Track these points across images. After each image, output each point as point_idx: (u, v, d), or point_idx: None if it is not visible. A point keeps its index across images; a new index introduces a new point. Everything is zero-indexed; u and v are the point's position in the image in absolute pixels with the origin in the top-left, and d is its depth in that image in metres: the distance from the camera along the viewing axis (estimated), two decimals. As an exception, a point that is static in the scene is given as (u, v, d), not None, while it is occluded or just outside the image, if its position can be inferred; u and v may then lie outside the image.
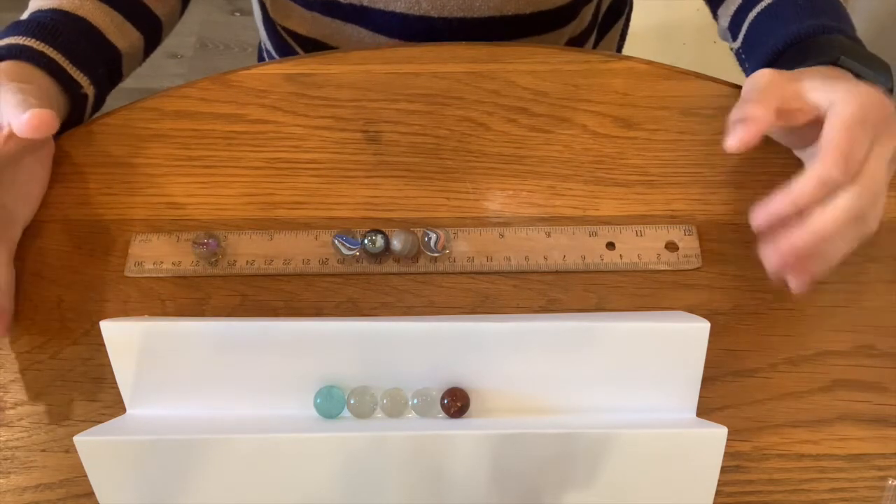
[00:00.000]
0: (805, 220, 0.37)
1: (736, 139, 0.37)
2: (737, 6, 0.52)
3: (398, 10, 0.56)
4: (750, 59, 0.51)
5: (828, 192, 0.36)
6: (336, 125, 0.50)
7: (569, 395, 0.38)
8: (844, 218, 0.36)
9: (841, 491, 0.38)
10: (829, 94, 0.39)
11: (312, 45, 0.62)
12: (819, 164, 0.36)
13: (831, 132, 0.37)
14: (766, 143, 0.48)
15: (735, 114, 0.38)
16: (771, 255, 0.38)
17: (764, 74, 0.40)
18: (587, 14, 0.63)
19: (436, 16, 0.56)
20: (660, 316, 0.40)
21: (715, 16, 0.56)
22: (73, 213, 0.47)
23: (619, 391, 0.38)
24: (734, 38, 0.53)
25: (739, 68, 0.53)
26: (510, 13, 0.56)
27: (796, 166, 0.47)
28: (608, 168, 0.48)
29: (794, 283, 0.39)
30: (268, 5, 0.63)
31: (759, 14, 0.50)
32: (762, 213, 0.37)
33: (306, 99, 0.51)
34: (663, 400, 0.38)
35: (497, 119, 0.49)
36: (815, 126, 0.39)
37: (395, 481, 0.36)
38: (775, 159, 0.47)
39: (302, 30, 0.61)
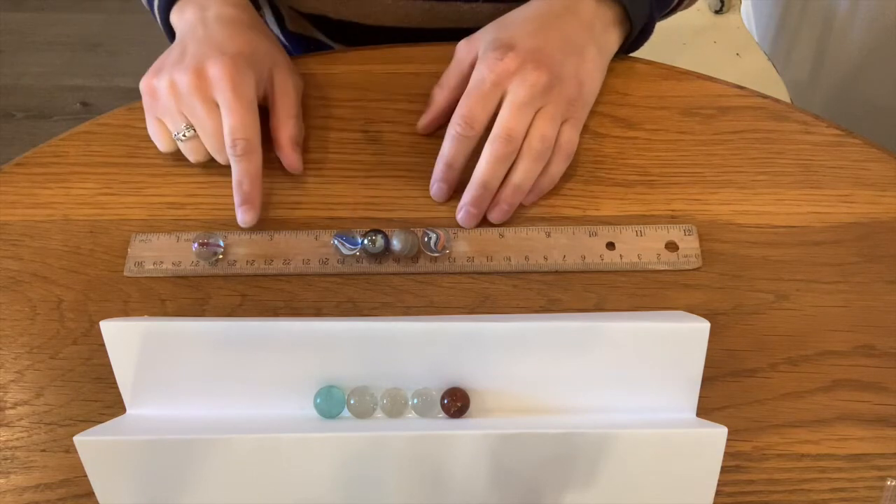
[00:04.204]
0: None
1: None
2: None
3: (387, 24, 0.57)
4: None
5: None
6: (336, 125, 0.50)
7: (569, 395, 0.38)
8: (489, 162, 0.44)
9: (841, 491, 0.38)
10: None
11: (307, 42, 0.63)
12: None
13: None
14: (766, 142, 0.48)
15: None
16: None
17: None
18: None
19: (427, 28, 0.57)
20: (660, 316, 0.40)
21: None
22: (73, 213, 0.47)
23: (619, 391, 0.38)
24: None
25: (739, 69, 0.53)
26: None
27: (797, 166, 0.47)
28: (608, 168, 0.48)
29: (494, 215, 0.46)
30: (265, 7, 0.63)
31: None
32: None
33: (306, 99, 0.50)
34: (663, 400, 0.38)
35: (497, 119, 0.49)
36: None
37: (395, 481, 0.36)
38: (777, 159, 0.47)
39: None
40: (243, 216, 0.45)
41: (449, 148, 0.45)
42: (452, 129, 0.44)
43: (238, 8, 0.48)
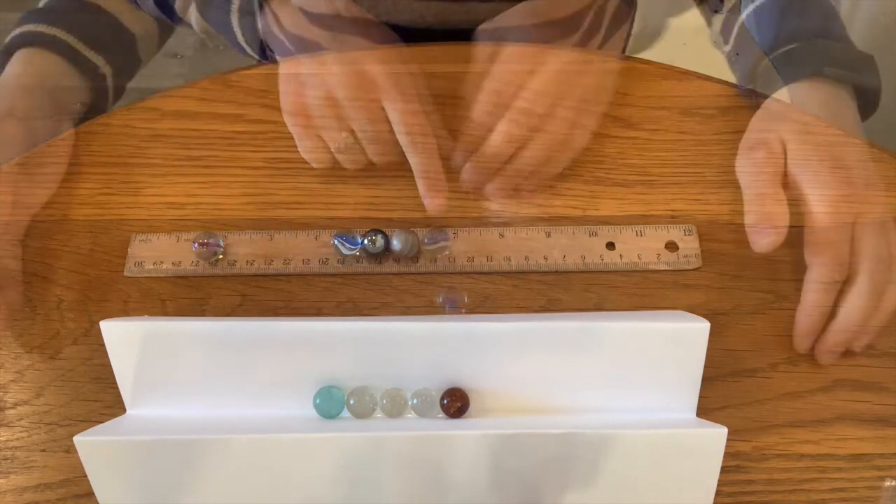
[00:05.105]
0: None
1: (766, 245, 0.41)
2: (727, 8, 0.53)
3: (400, 23, 0.57)
4: (739, 63, 0.51)
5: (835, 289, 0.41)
6: (336, 125, 0.50)
7: (569, 395, 0.38)
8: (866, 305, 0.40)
9: (841, 491, 0.38)
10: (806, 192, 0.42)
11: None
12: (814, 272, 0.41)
13: (813, 241, 0.41)
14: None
15: (754, 212, 0.42)
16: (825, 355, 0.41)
17: (759, 158, 0.43)
18: (586, 21, 0.63)
19: (439, 27, 0.57)
20: (660, 316, 0.40)
21: (709, 22, 0.57)
22: (73, 213, 0.47)
23: (619, 391, 0.38)
24: (725, 42, 0.53)
25: (739, 69, 0.53)
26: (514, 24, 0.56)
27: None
28: (608, 168, 0.48)
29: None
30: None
31: (748, 16, 0.50)
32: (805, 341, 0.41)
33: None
34: (663, 400, 0.38)
35: (497, 119, 0.49)
36: None
37: (395, 482, 0.36)
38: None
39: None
40: (433, 203, 0.44)
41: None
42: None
43: (347, 2, 0.47)
